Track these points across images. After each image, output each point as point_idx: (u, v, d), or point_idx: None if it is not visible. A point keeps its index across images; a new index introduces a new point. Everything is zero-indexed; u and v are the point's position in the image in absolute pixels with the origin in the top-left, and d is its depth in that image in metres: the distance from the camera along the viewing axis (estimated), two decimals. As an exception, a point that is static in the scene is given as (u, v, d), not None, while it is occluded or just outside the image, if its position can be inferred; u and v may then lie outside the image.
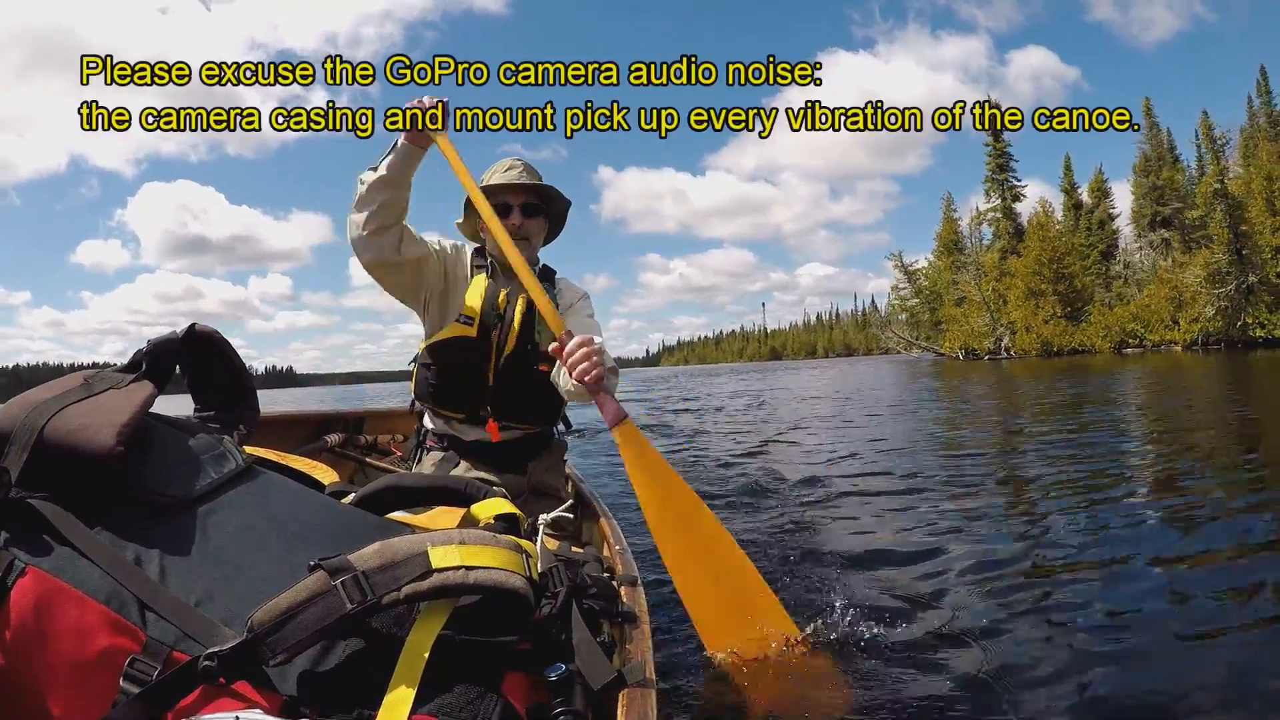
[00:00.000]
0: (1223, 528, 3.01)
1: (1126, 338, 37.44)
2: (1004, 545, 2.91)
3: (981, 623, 2.10)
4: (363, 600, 0.75)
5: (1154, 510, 3.39)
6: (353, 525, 0.99)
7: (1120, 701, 1.67)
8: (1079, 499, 3.70)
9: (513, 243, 1.98)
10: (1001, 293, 43.03)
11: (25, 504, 0.80)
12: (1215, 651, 1.89)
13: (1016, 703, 1.66)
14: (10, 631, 0.73)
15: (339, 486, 1.19)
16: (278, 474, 1.10)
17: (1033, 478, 4.50)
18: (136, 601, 0.77)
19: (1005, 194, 46.10)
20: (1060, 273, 40.71)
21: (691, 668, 1.89)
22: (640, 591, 1.33)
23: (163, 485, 0.90)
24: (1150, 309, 36.61)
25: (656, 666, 1.03)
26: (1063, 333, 39.47)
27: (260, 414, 1.29)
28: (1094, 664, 1.84)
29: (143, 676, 0.72)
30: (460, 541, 0.83)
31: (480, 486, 1.16)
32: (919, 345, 49.19)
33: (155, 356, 1.09)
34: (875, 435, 7.31)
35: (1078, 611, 2.18)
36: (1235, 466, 4.55)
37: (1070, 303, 40.47)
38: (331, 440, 3.34)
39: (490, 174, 2.25)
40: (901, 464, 5.13)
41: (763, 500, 4.04)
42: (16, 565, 0.75)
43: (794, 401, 13.93)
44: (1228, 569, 2.51)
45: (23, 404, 0.87)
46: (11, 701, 0.74)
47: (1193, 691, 1.69)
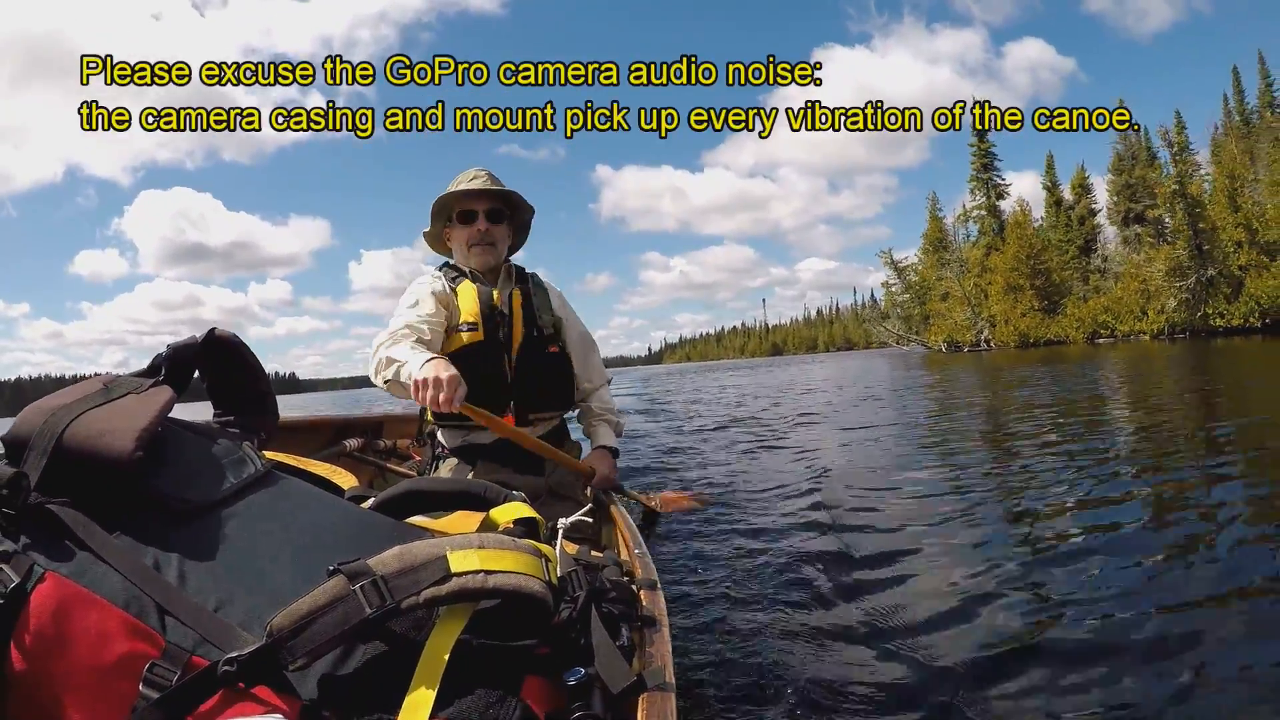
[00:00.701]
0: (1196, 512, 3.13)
1: (1099, 328, 39.74)
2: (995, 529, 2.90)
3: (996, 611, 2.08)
4: (382, 605, 0.74)
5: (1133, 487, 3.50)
6: (371, 530, 0.98)
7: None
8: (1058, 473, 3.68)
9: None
10: (983, 288, 45.63)
11: (45, 509, 0.80)
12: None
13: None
14: (30, 636, 0.73)
15: (358, 491, 1.19)
16: (297, 479, 1.10)
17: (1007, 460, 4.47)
18: (156, 606, 0.76)
19: (990, 192, 48.43)
20: (1037, 268, 43.27)
21: (712, 671, 1.88)
22: (659, 595, 1.32)
23: (182, 490, 0.90)
24: (1121, 301, 38.81)
25: (676, 670, 1.02)
26: (1039, 325, 41.97)
27: (279, 419, 1.30)
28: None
29: (162, 681, 0.72)
30: (479, 546, 0.82)
31: (499, 490, 1.15)
32: (909, 339, 51.78)
33: (174, 361, 1.09)
34: (862, 423, 7.71)
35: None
36: (1194, 442, 5.04)
37: (1047, 296, 42.98)
38: (350, 445, 3.36)
39: (455, 184, 2.32)
40: (891, 452, 5.24)
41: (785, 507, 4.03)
42: (36, 570, 0.75)
43: (776, 395, 14.33)
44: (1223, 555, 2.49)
45: (41, 409, 0.87)
46: (31, 706, 0.74)
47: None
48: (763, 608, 2.30)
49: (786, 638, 2.07)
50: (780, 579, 2.57)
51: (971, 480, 4.36)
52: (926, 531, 3.19)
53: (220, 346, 1.17)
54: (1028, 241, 43.59)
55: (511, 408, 2.20)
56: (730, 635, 2.08)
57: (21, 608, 0.73)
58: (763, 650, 1.98)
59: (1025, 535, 3.04)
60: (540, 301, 2.32)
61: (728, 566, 2.76)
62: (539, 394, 2.25)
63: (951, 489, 4.15)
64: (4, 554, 0.75)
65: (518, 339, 2.22)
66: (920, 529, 3.25)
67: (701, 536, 3.26)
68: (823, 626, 2.06)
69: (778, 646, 2.01)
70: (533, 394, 2.23)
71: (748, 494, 4.29)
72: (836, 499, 3.99)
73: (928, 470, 4.85)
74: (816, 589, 2.44)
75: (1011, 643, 1.96)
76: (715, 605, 2.33)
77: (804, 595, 2.39)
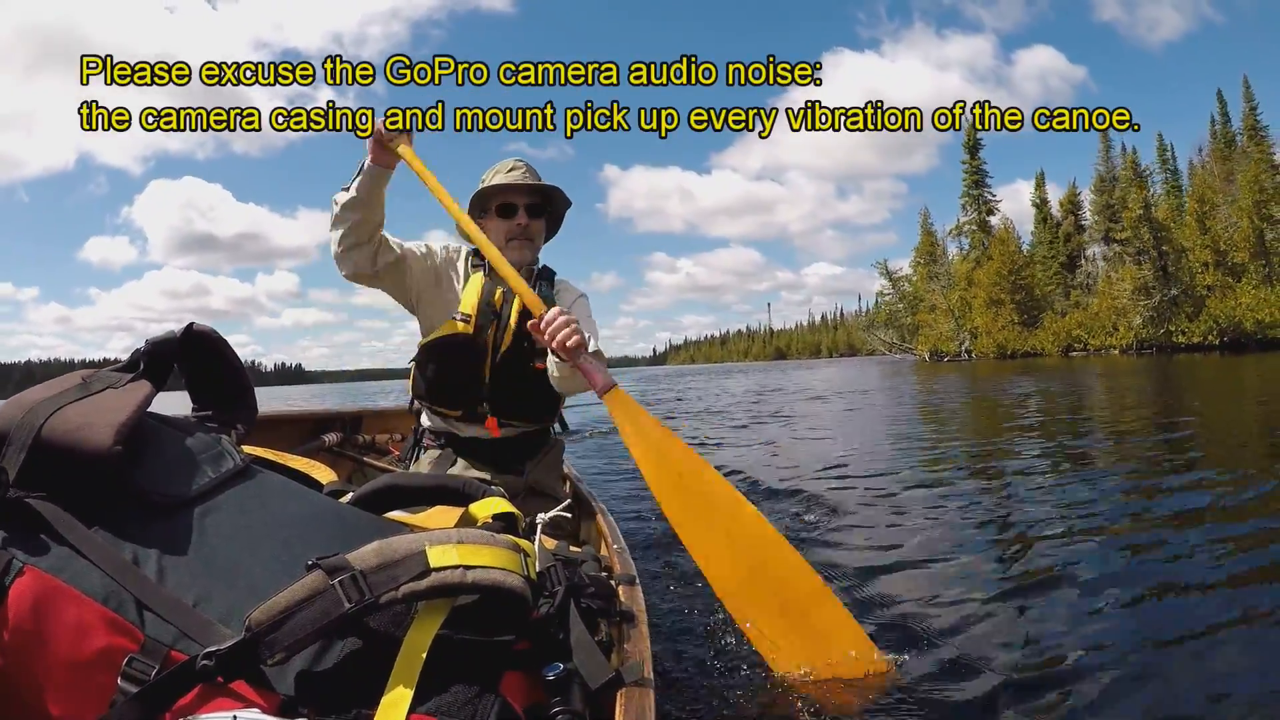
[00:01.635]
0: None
1: (1073, 342, 42.11)
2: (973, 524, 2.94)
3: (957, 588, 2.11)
4: (360, 599, 0.75)
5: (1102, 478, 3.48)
6: (350, 524, 0.99)
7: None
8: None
9: (488, 241, 2.04)
10: (968, 300, 48.16)
11: (23, 503, 0.79)
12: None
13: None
14: (8, 631, 0.73)
15: (337, 486, 1.19)
16: (276, 473, 1.10)
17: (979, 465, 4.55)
18: (134, 601, 0.77)
19: (980, 207, 50.86)
20: (1018, 283, 45.91)
21: (689, 666, 1.89)
22: (638, 590, 1.34)
23: (161, 484, 0.90)
24: (1096, 317, 41.33)
25: (654, 665, 1.03)
26: (1017, 337, 44.46)
27: (258, 413, 1.29)
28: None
29: (141, 676, 0.72)
30: (458, 541, 0.83)
31: (478, 485, 1.16)
32: (899, 348, 54.36)
33: (153, 356, 1.08)
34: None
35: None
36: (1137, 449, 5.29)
37: (1027, 310, 45.67)
38: (329, 440, 3.34)
39: (493, 174, 2.26)
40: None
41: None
42: (14, 565, 0.75)
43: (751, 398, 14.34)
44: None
45: (20, 403, 0.87)
46: (10, 701, 0.74)
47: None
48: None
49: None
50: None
51: (946, 477, 4.43)
52: (907, 531, 3.23)
53: (199, 341, 1.16)
54: (1010, 258, 46.00)
55: (486, 409, 2.17)
56: (709, 631, 2.09)
57: (0, 602, 0.73)
58: (741, 645, 1.99)
59: (1003, 530, 3.09)
60: None
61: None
62: (516, 403, 2.20)
63: (930, 484, 4.20)
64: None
65: (505, 344, 2.14)
66: (901, 529, 3.29)
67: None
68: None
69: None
70: (507, 400, 2.18)
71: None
72: (817, 494, 4.02)
73: (907, 471, 4.91)
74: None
75: (1006, 632, 1.99)
76: (694, 601, 2.34)
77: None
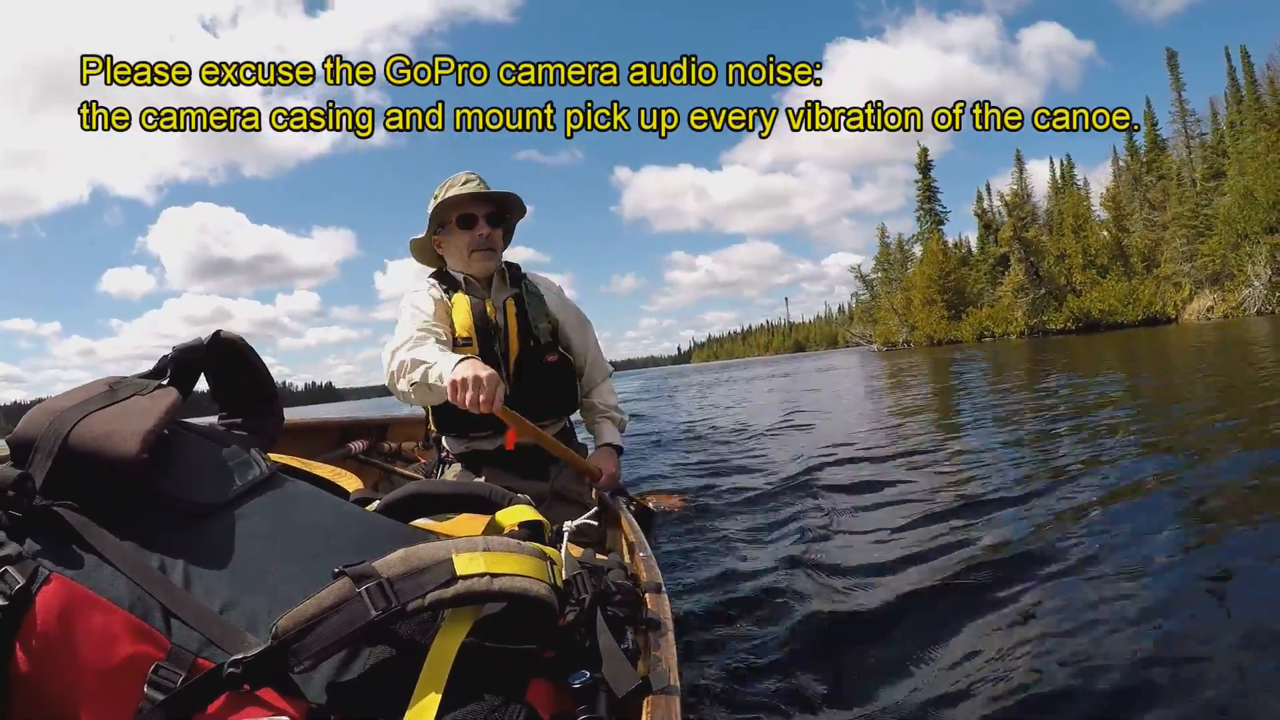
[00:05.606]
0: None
1: (983, 331, 52.84)
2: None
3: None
4: (387, 607, 0.74)
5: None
6: (377, 532, 0.98)
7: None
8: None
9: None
10: (911, 299, 59.33)
11: (50, 511, 0.80)
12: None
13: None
14: (36, 639, 0.73)
15: (363, 494, 1.19)
16: (302, 481, 1.10)
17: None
18: (161, 608, 0.76)
19: (931, 220, 61.60)
20: (946, 285, 56.85)
21: (716, 674, 1.87)
22: (665, 598, 1.32)
23: (187, 492, 0.90)
24: (1000, 310, 52.78)
25: (681, 673, 1.01)
26: (944, 328, 55.01)
27: (284, 421, 1.30)
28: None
29: (167, 683, 0.72)
30: (485, 549, 0.82)
31: (504, 493, 1.15)
32: (867, 339, 67.23)
33: (180, 363, 1.09)
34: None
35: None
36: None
37: (954, 306, 56.51)
38: (355, 447, 3.36)
39: (446, 189, 2.23)
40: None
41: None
42: (41, 573, 0.75)
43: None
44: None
45: (47, 411, 0.87)
46: (36, 708, 0.73)
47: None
48: (768, 610, 2.29)
49: (792, 640, 2.05)
50: (786, 581, 2.55)
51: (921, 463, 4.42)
52: (921, 529, 3.19)
53: (225, 349, 1.16)
54: (937, 265, 57.72)
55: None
56: (735, 638, 2.07)
57: (27, 610, 0.73)
58: (768, 653, 1.97)
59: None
60: (535, 308, 2.25)
61: (731, 569, 2.75)
62: (540, 404, 2.21)
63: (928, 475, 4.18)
64: (9, 556, 0.75)
65: (514, 352, 2.17)
66: (917, 528, 3.25)
67: (699, 536, 3.26)
68: (829, 629, 2.05)
69: (783, 649, 1.99)
70: (534, 405, 2.17)
71: (732, 494, 4.29)
72: (829, 492, 3.99)
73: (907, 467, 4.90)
74: (822, 591, 2.42)
75: (1040, 642, 1.96)
76: (720, 608, 2.32)
77: (810, 597, 2.38)
